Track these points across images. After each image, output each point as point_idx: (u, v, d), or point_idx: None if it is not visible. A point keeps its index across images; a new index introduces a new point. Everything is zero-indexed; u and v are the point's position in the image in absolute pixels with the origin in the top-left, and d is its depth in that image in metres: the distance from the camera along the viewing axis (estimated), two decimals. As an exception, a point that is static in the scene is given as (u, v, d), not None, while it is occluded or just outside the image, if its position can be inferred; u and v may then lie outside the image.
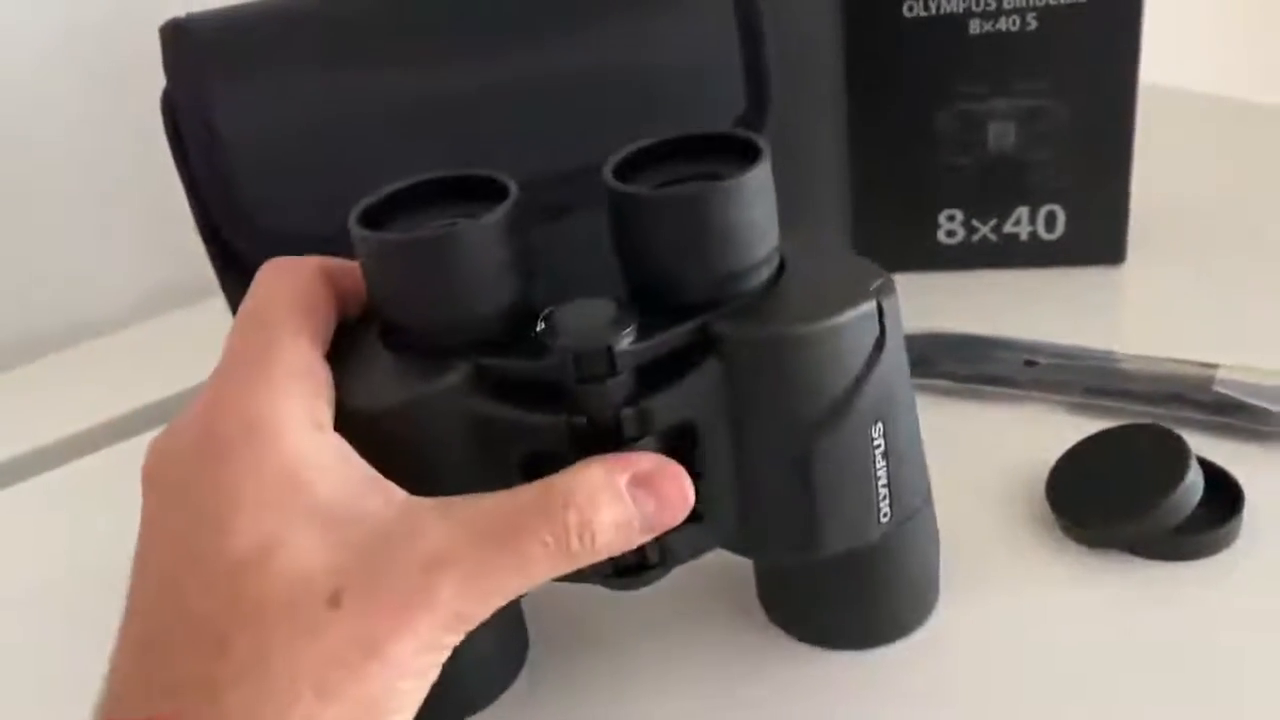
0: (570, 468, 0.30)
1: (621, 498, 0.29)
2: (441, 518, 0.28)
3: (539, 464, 0.31)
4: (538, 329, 0.31)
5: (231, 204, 0.43)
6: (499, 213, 0.31)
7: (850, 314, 0.31)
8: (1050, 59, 0.53)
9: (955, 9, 0.52)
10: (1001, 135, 0.54)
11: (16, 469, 0.55)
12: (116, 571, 0.29)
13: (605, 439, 0.30)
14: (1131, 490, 0.40)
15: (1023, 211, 0.56)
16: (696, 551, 0.34)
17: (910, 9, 0.53)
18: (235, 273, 0.44)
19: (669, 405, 0.31)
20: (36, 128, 0.65)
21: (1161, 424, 0.43)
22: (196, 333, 0.44)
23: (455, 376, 0.31)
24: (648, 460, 0.31)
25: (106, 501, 0.36)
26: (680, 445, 0.32)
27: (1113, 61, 0.52)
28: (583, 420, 0.30)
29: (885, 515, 0.34)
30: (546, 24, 0.44)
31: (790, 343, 0.31)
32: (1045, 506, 0.42)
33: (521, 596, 0.30)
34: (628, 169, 0.33)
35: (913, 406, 0.34)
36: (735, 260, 0.32)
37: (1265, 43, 1.06)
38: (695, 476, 0.32)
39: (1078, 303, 0.55)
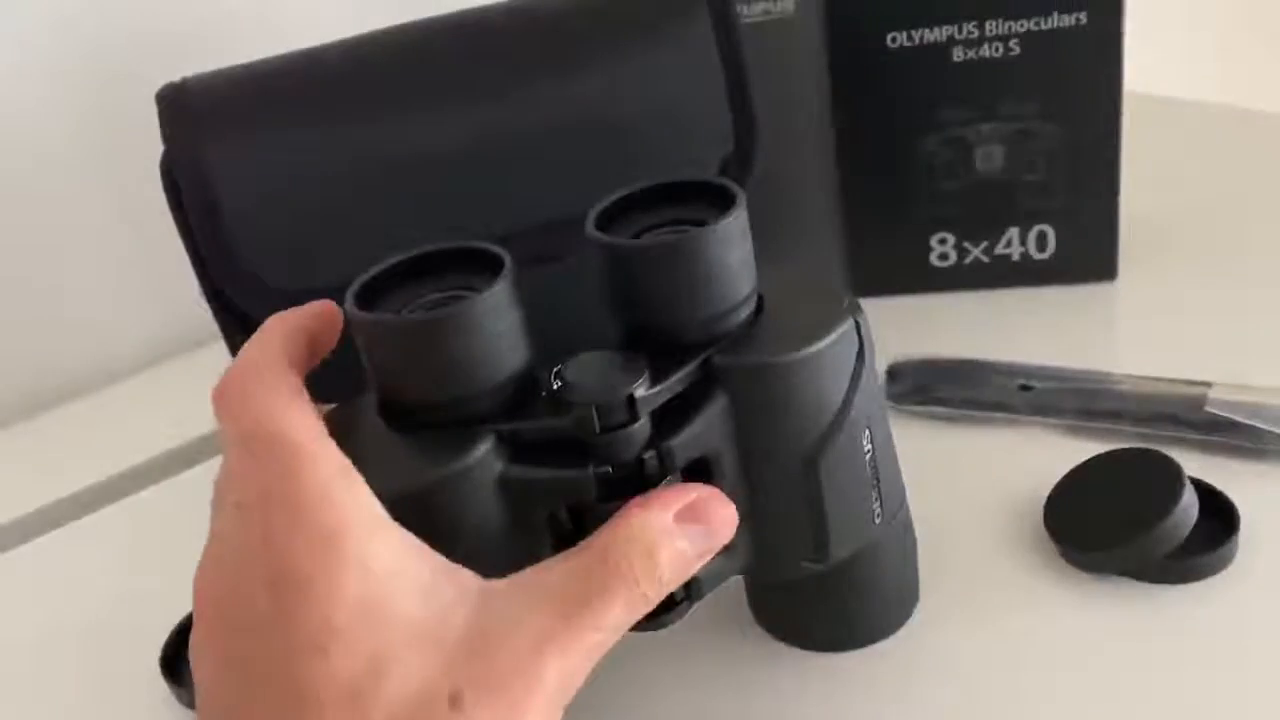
0: (616, 519, 0.31)
1: (674, 533, 0.31)
2: (525, 598, 0.29)
3: (562, 517, 0.32)
4: (554, 388, 0.32)
5: (233, 265, 0.43)
6: (503, 281, 0.31)
7: (837, 332, 0.34)
8: (1034, 83, 0.53)
9: (938, 38, 0.53)
10: (989, 158, 0.55)
11: (20, 529, 0.56)
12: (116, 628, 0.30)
13: (629, 483, 0.32)
14: (1126, 515, 0.40)
15: (1013, 232, 0.57)
16: (719, 581, 0.35)
17: (894, 39, 0.53)
18: (240, 331, 0.45)
19: (686, 443, 0.32)
20: (36, 179, 0.65)
21: (1155, 446, 0.43)
22: (199, 380, 0.45)
23: (482, 447, 0.31)
24: (690, 491, 0.32)
25: (116, 555, 0.36)
26: (699, 478, 0.33)
27: (1096, 81, 0.53)
28: (607, 469, 0.31)
29: (879, 516, 0.37)
30: (534, 74, 0.45)
31: (792, 367, 0.33)
32: (1043, 532, 0.42)
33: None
34: (608, 219, 0.34)
35: (885, 410, 0.37)
36: (725, 299, 0.33)
37: (1248, 49, 1.06)
38: None
39: (1071, 321, 0.56)
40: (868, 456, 0.36)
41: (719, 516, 0.32)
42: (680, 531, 0.31)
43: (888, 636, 0.40)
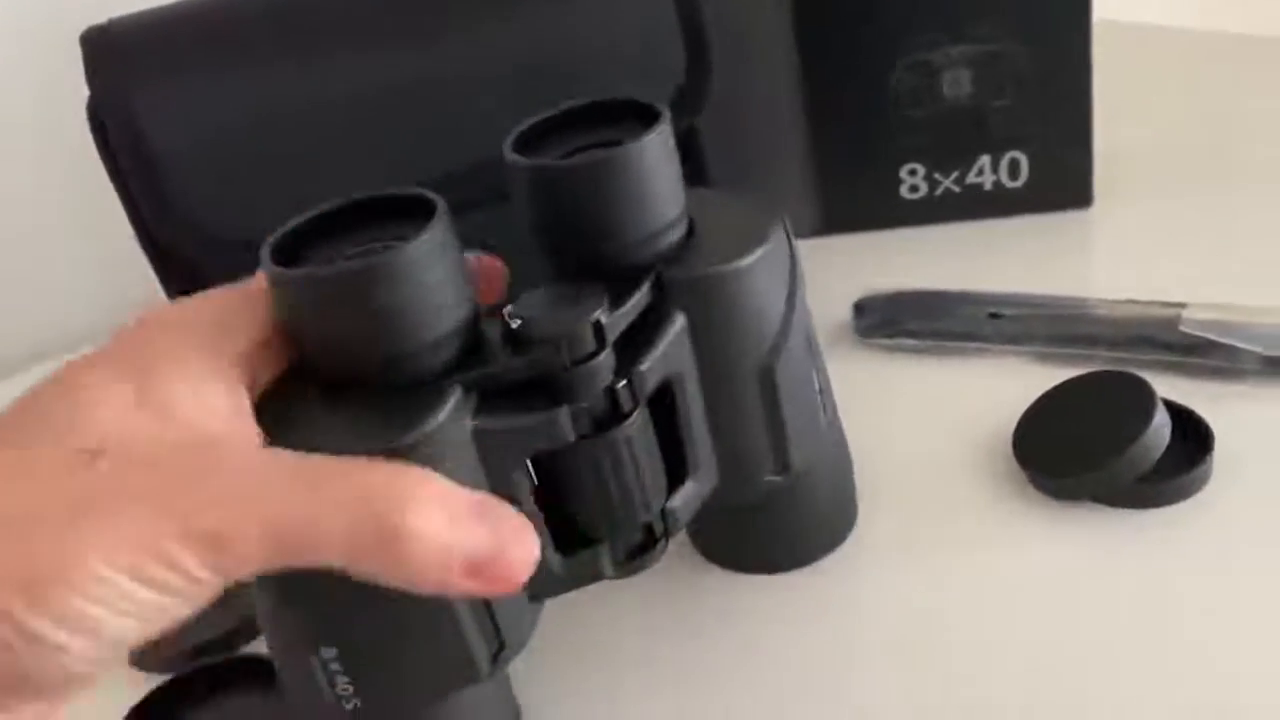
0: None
1: (448, 512, 0.26)
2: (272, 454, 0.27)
3: (542, 463, 0.31)
4: (513, 327, 0.30)
5: (167, 211, 0.42)
6: (439, 224, 0.29)
7: (773, 236, 0.34)
8: (1001, 1, 0.51)
9: (901, -43, 0.51)
10: (957, 83, 0.53)
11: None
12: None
13: (603, 421, 0.30)
14: (1098, 439, 0.39)
15: (985, 161, 0.55)
16: (691, 511, 0.34)
17: (856, -41, 0.51)
18: (178, 279, 0.44)
19: (653, 367, 0.31)
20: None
21: (1128, 369, 0.42)
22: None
23: (450, 401, 0.29)
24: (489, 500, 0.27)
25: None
26: (662, 409, 0.33)
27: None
28: (582, 406, 0.30)
29: (826, 423, 0.37)
30: (473, 8, 0.43)
31: (741, 274, 0.33)
32: (1013, 461, 0.41)
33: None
34: (529, 146, 0.32)
35: (810, 314, 0.37)
36: (661, 216, 0.32)
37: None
38: (678, 441, 0.33)
39: (1046, 250, 0.54)
40: (811, 359, 0.36)
41: (511, 523, 0.27)
42: (456, 526, 0.25)
43: (830, 552, 0.40)
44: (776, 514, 0.38)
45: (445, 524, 0.25)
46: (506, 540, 0.26)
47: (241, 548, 0.24)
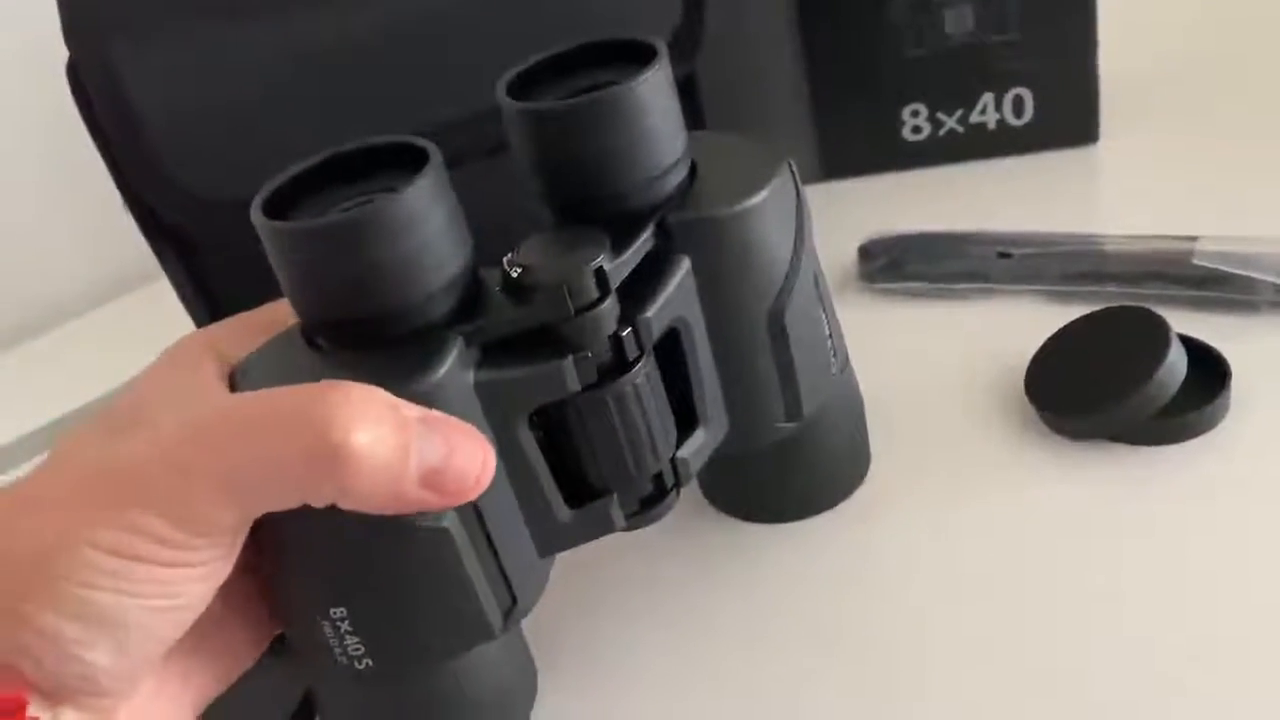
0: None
1: (393, 424, 0.25)
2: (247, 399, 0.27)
3: (549, 417, 0.30)
4: (513, 275, 0.29)
5: (152, 172, 0.41)
6: (433, 171, 0.28)
7: (778, 177, 0.33)
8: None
9: (898, -112, 0.50)
10: (958, 19, 0.52)
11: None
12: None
13: (609, 370, 0.30)
14: (1112, 376, 0.38)
15: (988, 99, 0.54)
16: (702, 459, 0.33)
17: (851, -108, 0.50)
18: (167, 240, 0.43)
19: (659, 313, 0.30)
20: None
21: (1142, 304, 0.41)
22: (151, 317, 0.43)
23: (450, 354, 0.28)
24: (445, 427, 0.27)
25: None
26: (670, 357, 0.32)
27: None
28: (586, 355, 0.29)
29: (835, 367, 0.36)
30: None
31: (747, 215, 0.32)
32: (1025, 401, 0.40)
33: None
34: (524, 91, 0.31)
35: (817, 255, 0.36)
36: (663, 157, 0.32)
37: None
38: (687, 388, 0.33)
39: (1054, 188, 0.53)
40: (820, 303, 0.35)
41: (460, 430, 0.27)
42: (412, 440, 0.25)
43: (844, 500, 0.39)
44: (788, 462, 0.37)
45: (392, 436, 0.25)
46: (457, 446, 0.26)
47: (202, 497, 0.24)
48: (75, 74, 0.40)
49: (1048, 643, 0.33)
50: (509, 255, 0.30)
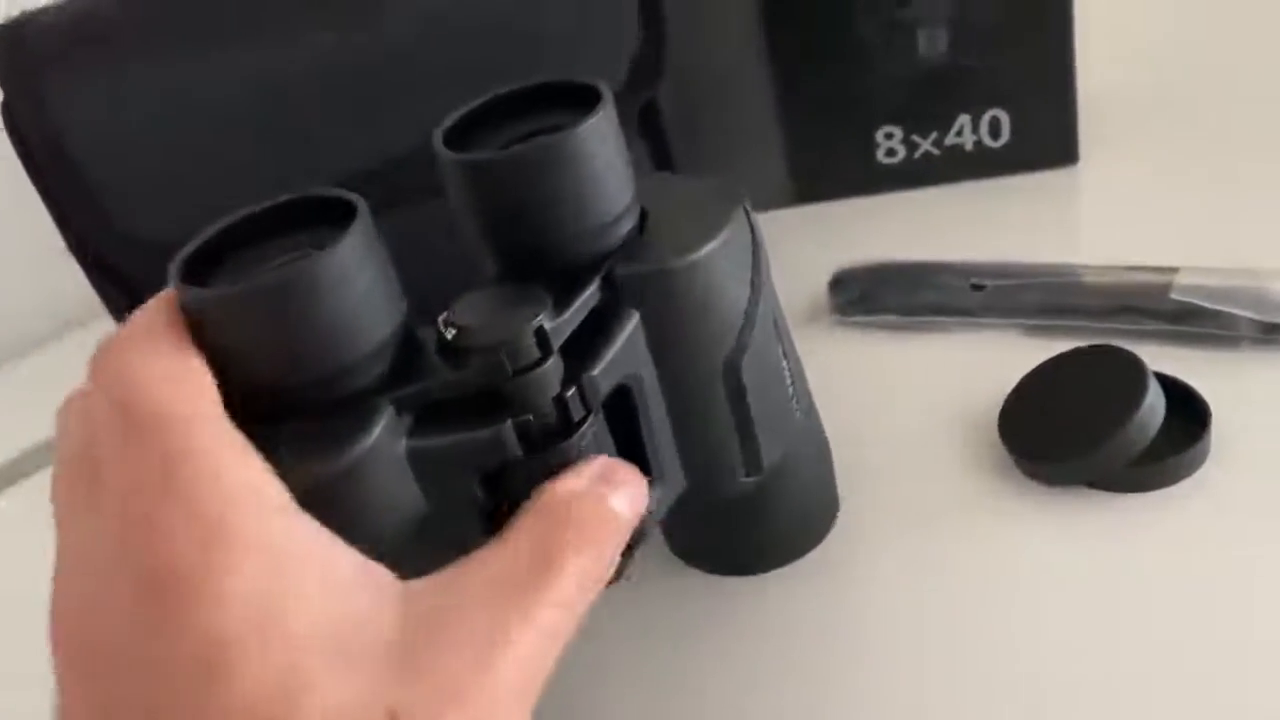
0: (537, 498, 0.27)
1: (604, 494, 0.28)
2: (456, 594, 0.25)
3: (494, 481, 0.28)
4: (448, 337, 0.28)
5: (95, 216, 0.39)
6: (359, 226, 0.26)
7: (732, 222, 0.31)
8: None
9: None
10: (932, 40, 0.50)
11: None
12: None
13: (553, 433, 0.28)
14: (1087, 420, 0.37)
15: (964, 120, 0.52)
16: (660, 515, 0.32)
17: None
18: (110, 281, 0.41)
19: (607, 371, 0.29)
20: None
21: (1119, 340, 0.39)
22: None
23: (380, 422, 0.26)
24: (593, 461, 0.28)
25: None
26: (621, 412, 0.30)
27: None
28: (528, 418, 0.28)
29: (798, 412, 0.35)
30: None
31: (699, 266, 0.30)
32: (999, 444, 0.39)
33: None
34: (462, 139, 0.30)
35: (777, 297, 0.35)
36: (609, 206, 0.30)
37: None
38: (639, 444, 0.31)
39: (1032, 212, 0.52)
40: (779, 349, 0.34)
41: (631, 476, 0.29)
42: (609, 492, 0.28)
43: (812, 550, 0.38)
44: (751, 514, 0.36)
45: (614, 505, 0.28)
46: (628, 478, 0.29)
47: (550, 664, 0.25)
48: (10, 115, 0.39)
49: (1026, 694, 0.32)
50: (444, 314, 0.28)
